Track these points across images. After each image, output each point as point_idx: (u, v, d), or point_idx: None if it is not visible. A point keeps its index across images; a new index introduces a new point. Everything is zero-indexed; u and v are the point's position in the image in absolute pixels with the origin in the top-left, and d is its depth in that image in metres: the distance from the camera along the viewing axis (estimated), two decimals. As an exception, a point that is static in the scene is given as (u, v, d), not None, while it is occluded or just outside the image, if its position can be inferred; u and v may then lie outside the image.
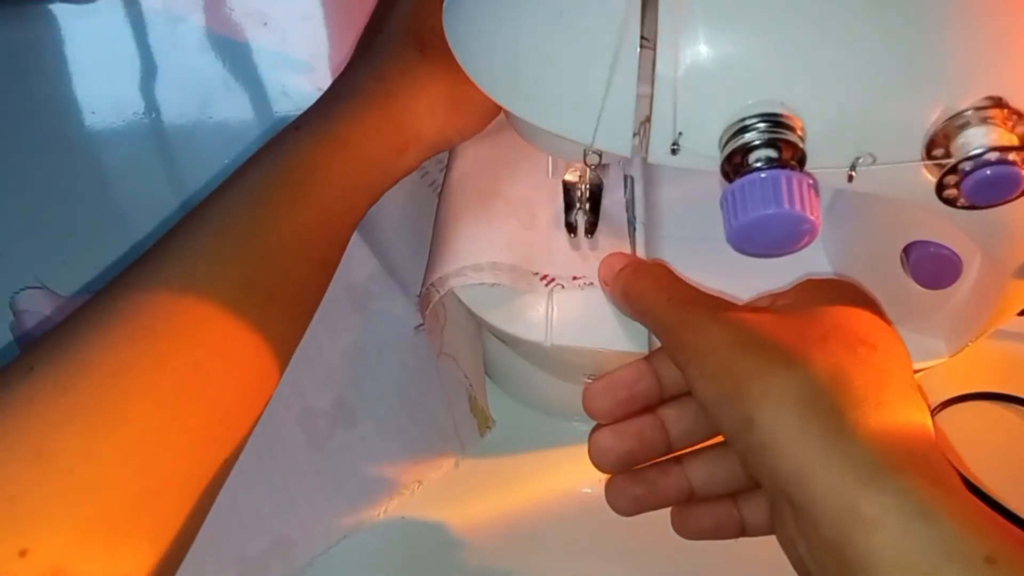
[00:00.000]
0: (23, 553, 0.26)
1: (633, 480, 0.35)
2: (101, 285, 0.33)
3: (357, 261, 0.49)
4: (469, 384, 0.46)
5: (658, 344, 0.40)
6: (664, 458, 0.36)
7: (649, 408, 0.35)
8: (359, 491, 0.45)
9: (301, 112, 0.40)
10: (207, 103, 0.66)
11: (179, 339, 0.31)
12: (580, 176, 0.40)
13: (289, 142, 0.37)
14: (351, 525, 0.45)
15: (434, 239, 0.43)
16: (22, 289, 0.48)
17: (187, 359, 0.31)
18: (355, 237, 0.39)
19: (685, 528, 0.35)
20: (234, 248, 0.34)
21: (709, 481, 0.35)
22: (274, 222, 0.35)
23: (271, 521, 0.44)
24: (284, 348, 0.35)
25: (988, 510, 0.26)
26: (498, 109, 0.40)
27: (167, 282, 0.32)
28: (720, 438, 0.36)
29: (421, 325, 0.47)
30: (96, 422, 0.28)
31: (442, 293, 0.39)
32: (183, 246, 0.34)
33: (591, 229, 0.41)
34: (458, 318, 0.42)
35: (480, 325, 0.42)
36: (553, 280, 0.40)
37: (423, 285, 0.41)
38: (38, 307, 0.47)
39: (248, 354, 0.33)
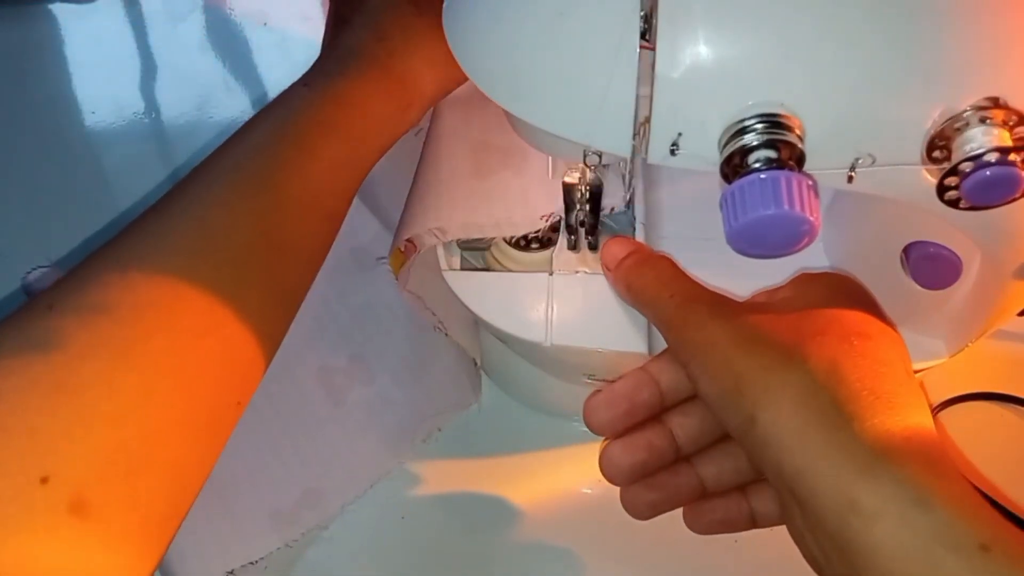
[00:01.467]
0: (44, 480, 0.26)
1: (648, 487, 0.35)
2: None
3: (360, 224, 0.52)
4: (438, 321, 0.46)
5: (658, 345, 0.40)
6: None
7: (652, 415, 0.35)
8: (381, 442, 0.47)
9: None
10: (207, 103, 0.66)
11: (195, 283, 0.31)
12: (580, 177, 0.40)
13: (298, 99, 0.38)
14: (376, 474, 0.46)
15: (428, 188, 0.43)
16: (35, 268, 0.48)
17: (203, 302, 0.31)
18: (356, 201, 0.40)
19: (698, 523, 0.36)
20: (247, 199, 0.34)
21: (719, 476, 0.35)
22: (285, 175, 0.36)
23: (299, 475, 0.46)
24: (295, 296, 0.37)
25: (984, 496, 0.26)
26: None
27: (183, 229, 0.33)
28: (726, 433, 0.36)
29: (383, 259, 0.48)
30: (117, 357, 0.28)
31: (442, 241, 0.41)
32: (197, 196, 0.34)
33: (591, 230, 0.41)
34: (428, 260, 0.42)
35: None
36: (551, 215, 0.41)
37: (408, 227, 0.41)
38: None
39: (261, 299, 0.34)
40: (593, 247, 0.42)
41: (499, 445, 0.48)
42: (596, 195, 0.40)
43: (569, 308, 0.40)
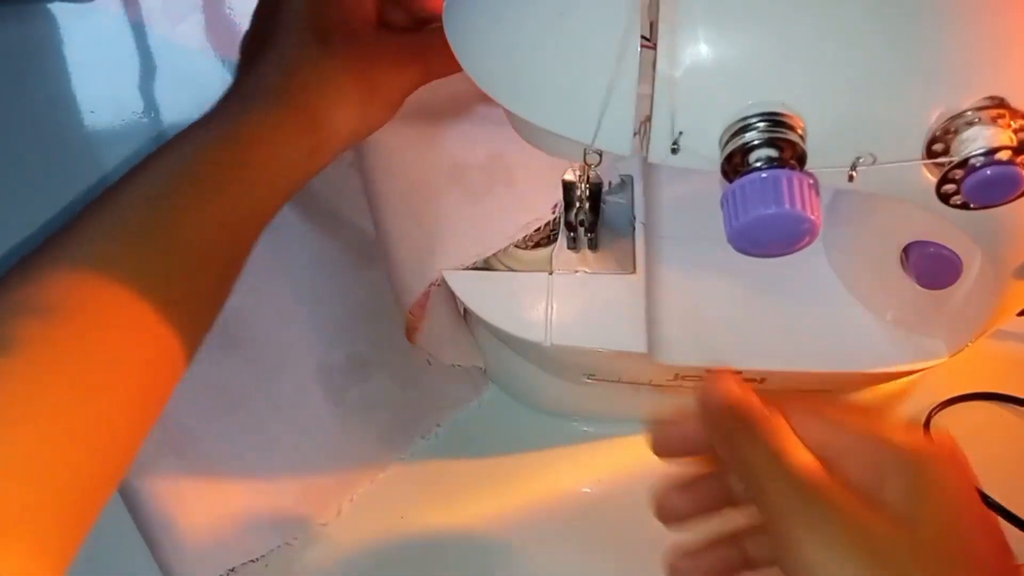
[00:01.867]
0: None
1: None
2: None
3: (359, 225, 0.52)
4: (427, 354, 0.47)
5: (659, 346, 0.40)
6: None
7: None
8: (380, 439, 0.47)
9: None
10: (207, 103, 0.66)
11: (66, 347, 0.30)
12: (580, 175, 0.40)
13: (195, 141, 0.36)
14: (376, 471, 0.46)
15: (425, 228, 0.43)
16: None
17: (75, 367, 0.30)
18: (354, 201, 0.40)
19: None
20: (131, 250, 0.32)
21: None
22: (175, 223, 0.33)
23: (299, 473, 0.46)
24: (183, 350, 0.33)
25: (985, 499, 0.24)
26: (404, 96, 0.40)
27: (55, 286, 0.31)
28: None
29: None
30: None
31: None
32: (74, 249, 0.32)
33: (591, 228, 0.41)
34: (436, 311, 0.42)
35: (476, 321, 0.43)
36: (558, 204, 0.42)
37: (426, 273, 0.41)
38: None
39: (142, 360, 0.31)
40: (593, 246, 0.42)
41: (499, 445, 0.48)
42: (596, 194, 0.40)
43: (569, 308, 0.40)
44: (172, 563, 0.42)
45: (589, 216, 0.41)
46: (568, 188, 0.40)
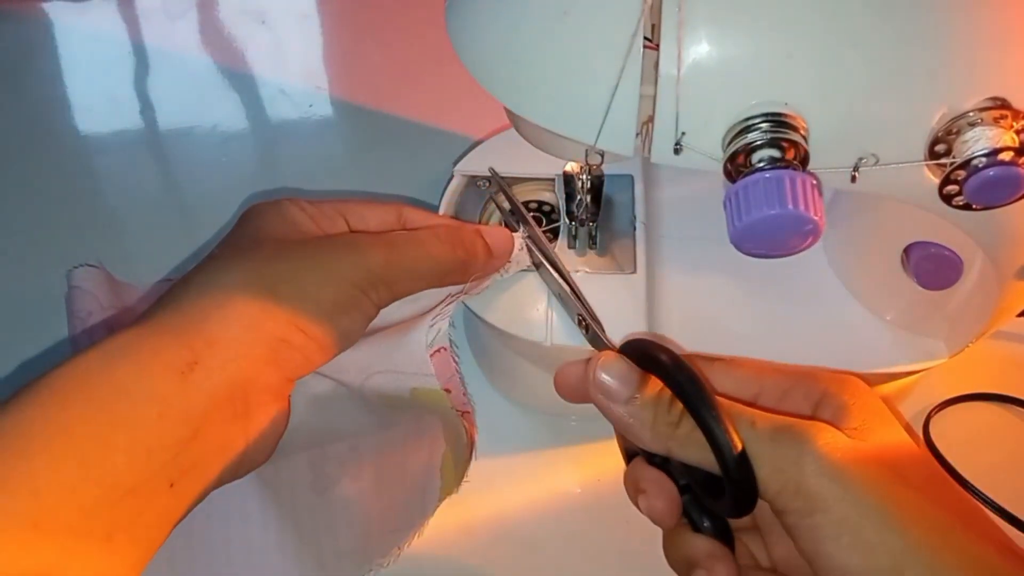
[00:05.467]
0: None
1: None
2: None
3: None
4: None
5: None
6: None
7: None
8: (347, 548, 0.41)
9: (298, 112, 0.34)
10: (204, 101, 0.66)
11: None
12: (581, 166, 0.40)
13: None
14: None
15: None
16: (78, 266, 0.45)
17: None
18: None
19: None
20: None
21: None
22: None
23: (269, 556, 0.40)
24: None
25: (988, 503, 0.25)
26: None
27: None
28: None
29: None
30: None
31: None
32: None
33: (592, 220, 0.41)
34: None
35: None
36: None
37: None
38: (91, 286, 0.44)
39: None
40: (594, 245, 0.42)
41: (497, 445, 0.48)
42: (597, 186, 0.40)
43: (570, 307, 0.40)
44: None
45: (591, 208, 0.40)
46: (569, 179, 0.40)
